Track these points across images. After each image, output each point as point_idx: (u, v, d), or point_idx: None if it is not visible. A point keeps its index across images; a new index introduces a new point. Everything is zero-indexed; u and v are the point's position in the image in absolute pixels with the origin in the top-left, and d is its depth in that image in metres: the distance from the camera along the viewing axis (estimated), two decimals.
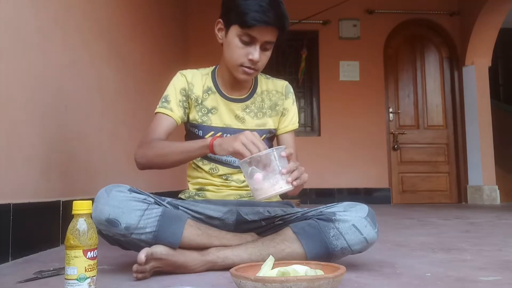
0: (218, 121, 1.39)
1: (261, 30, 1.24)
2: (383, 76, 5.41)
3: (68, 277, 0.87)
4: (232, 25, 1.27)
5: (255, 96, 1.43)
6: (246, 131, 1.13)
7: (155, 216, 1.17)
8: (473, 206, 4.64)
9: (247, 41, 1.26)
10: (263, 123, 1.43)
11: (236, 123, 1.40)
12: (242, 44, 1.27)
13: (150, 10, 3.55)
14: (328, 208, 1.28)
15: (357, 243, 1.20)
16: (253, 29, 1.23)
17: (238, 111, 1.41)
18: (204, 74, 1.43)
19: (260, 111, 1.43)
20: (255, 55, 1.26)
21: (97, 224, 1.15)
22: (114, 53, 2.67)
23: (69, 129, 2.02)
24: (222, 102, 1.40)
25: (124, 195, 1.17)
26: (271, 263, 0.98)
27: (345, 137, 5.27)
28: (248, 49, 1.27)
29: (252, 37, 1.25)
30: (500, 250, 1.65)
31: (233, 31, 1.27)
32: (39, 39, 1.79)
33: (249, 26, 1.22)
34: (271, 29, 1.25)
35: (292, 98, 1.48)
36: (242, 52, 1.28)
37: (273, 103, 1.45)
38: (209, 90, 1.41)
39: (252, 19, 1.21)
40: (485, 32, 5.20)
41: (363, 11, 5.44)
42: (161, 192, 3.12)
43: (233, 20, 1.27)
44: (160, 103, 1.39)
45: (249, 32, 1.24)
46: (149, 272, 1.14)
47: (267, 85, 1.47)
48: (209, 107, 1.40)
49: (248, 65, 1.29)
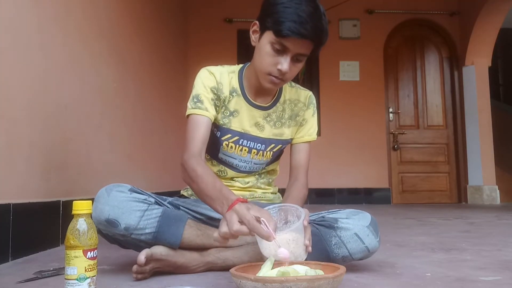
0: (237, 124, 1.34)
1: (295, 41, 1.16)
2: (383, 76, 5.41)
3: (68, 277, 0.87)
4: (267, 31, 1.20)
5: (277, 105, 1.38)
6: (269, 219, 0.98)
7: (155, 217, 1.17)
8: (473, 206, 4.64)
9: (279, 49, 1.19)
10: (280, 133, 1.39)
11: (254, 130, 1.35)
12: (273, 52, 1.20)
13: (150, 11, 3.55)
14: (330, 213, 1.27)
15: (359, 252, 1.20)
16: (287, 39, 1.16)
17: (259, 119, 1.35)
18: (230, 72, 1.36)
19: (279, 121, 1.38)
20: (285, 65, 1.19)
21: (97, 224, 1.15)
22: (114, 53, 2.67)
23: (69, 129, 2.02)
24: (245, 106, 1.34)
25: (124, 195, 1.16)
26: (271, 263, 0.98)
27: (345, 137, 5.27)
28: (279, 58, 1.20)
29: (285, 47, 1.18)
30: (500, 250, 1.65)
31: (267, 37, 1.20)
32: (40, 39, 1.79)
33: (283, 36, 1.15)
34: (306, 42, 1.17)
35: (313, 109, 1.42)
36: (272, 61, 1.21)
37: (294, 114, 1.40)
38: (234, 92, 1.34)
39: (288, 29, 1.14)
40: (485, 32, 5.20)
41: (363, 11, 5.44)
42: (162, 192, 3.12)
43: (268, 26, 1.19)
44: (192, 103, 1.28)
45: (283, 41, 1.17)
46: (148, 273, 1.14)
47: (291, 94, 1.40)
48: (231, 109, 1.34)
49: (276, 74, 1.22)
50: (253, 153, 1.36)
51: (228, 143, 1.34)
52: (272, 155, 1.40)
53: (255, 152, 1.36)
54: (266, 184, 1.45)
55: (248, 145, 1.35)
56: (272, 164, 1.45)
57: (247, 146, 1.35)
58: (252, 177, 1.41)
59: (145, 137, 3.21)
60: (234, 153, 1.36)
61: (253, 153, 1.36)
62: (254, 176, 1.42)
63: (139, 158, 3.06)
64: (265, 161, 1.39)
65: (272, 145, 1.38)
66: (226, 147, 1.35)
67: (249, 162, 1.37)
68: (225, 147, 1.35)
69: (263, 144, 1.36)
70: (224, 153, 1.36)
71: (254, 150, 1.36)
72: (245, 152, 1.35)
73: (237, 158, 1.36)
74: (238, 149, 1.35)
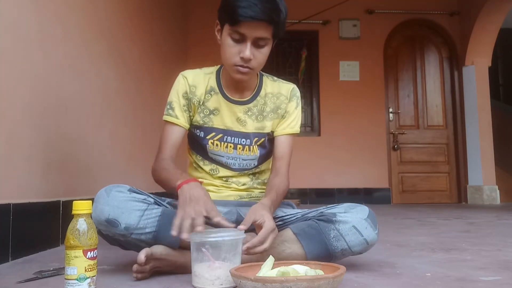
0: (219, 122, 1.37)
1: (250, 25, 1.19)
2: (383, 76, 5.41)
3: (68, 277, 0.87)
4: (225, 24, 1.24)
5: (258, 98, 1.40)
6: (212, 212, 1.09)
7: (154, 216, 1.17)
8: (473, 206, 4.64)
9: (238, 38, 1.22)
10: (262, 127, 1.40)
11: (237, 126, 1.37)
12: (233, 42, 1.23)
13: (150, 11, 3.55)
14: (328, 209, 1.28)
15: (358, 245, 1.20)
16: (241, 25, 1.19)
17: (240, 114, 1.38)
18: (208, 73, 1.40)
19: (261, 114, 1.39)
20: (246, 52, 1.21)
21: (97, 224, 1.15)
22: (114, 53, 2.67)
23: (69, 129, 2.02)
24: (224, 103, 1.37)
25: (124, 195, 1.17)
26: (271, 263, 0.98)
27: (345, 137, 5.27)
28: (239, 47, 1.23)
29: (242, 34, 1.20)
30: (500, 250, 1.65)
31: (225, 31, 1.24)
32: (40, 39, 1.79)
33: (237, 23, 1.18)
34: (261, 24, 1.19)
35: (296, 102, 1.43)
36: (234, 51, 1.23)
37: (276, 106, 1.41)
38: (212, 91, 1.38)
39: (239, 15, 1.17)
40: (485, 32, 5.20)
41: (363, 11, 5.44)
42: (161, 193, 3.12)
43: (224, 19, 1.24)
44: (166, 110, 1.37)
45: (238, 29, 1.20)
46: (149, 272, 1.14)
47: (273, 87, 1.42)
48: (211, 108, 1.37)
49: (240, 63, 1.24)
50: (239, 148, 1.37)
51: (213, 141, 1.37)
52: (260, 150, 1.40)
53: (241, 148, 1.37)
54: (262, 184, 1.45)
55: (232, 141, 1.37)
56: (264, 163, 1.45)
57: (232, 142, 1.37)
58: (246, 177, 1.42)
59: (145, 137, 3.21)
60: (221, 150, 1.38)
61: (239, 149, 1.37)
62: (248, 177, 1.42)
63: (139, 158, 3.06)
64: (253, 156, 1.39)
65: (256, 139, 1.39)
66: (212, 145, 1.37)
67: (237, 158, 1.38)
68: (211, 145, 1.37)
69: (247, 138, 1.38)
70: (211, 152, 1.39)
71: (239, 146, 1.37)
72: (230, 148, 1.37)
73: (224, 156, 1.38)
74: (224, 146, 1.37)
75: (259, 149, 1.40)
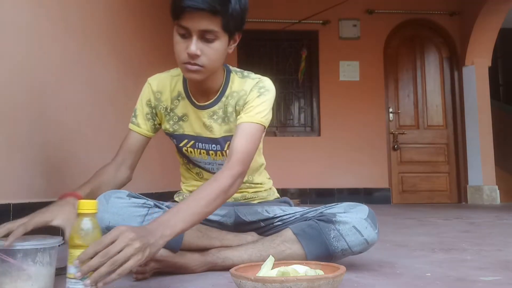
0: (189, 129, 1.30)
1: (192, 17, 1.08)
2: (383, 76, 5.41)
3: (70, 276, 0.87)
4: (174, 22, 1.14)
5: (222, 99, 1.28)
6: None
7: None
8: (473, 206, 4.64)
9: (183, 33, 1.12)
10: (230, 129, 1.28)
11: (205, 132, 1.29)
12: (180, 38, 1.13)
13: (150, 11, 3.55)
14: (328, 208, 1.27)
15: (358, 244, 1.20)
16: (184, 18, 1.09)
17: (205, 119, 1.28)
18: (175, 75, 1.33)
19: (226, 116, 1.28)
20: (192, 47, 1.10)
21: None
22: (114, 53, 2.67)
23: (69, 129, 2.02)
24: (191, 109, 1.29)
25: (123, 201, 1.15)
26: (271, 263, 0.98)
27: (345, 137, 5.27)
28: (186, 43, 1.12)
29: (185, 28, 1.10)
30: (500, 250, 1.65)
31: (174, 28, 1.15)
32: (40, 39, 1.79)
33: (179, 16, 1.10)
34: (204, 15, 1.08)
35: (257, 91, 1.25)
36: (182, 47, 1.13)
37: (235, 103, 1.27)
38: (179, 96, 1.30)
39: (178, 6, 1.08)
40: (485, 32, 5.20)
41: (363, 11, 5.44)
42: (161, 192, 3.11)
43: (171, 15, 1.14)
44: (131, 117, 1.34)
45: (181, 22, 1.10)
46: (149, 273, 1.13)
47: (238, 85, 1.28)
48: (179, 114, 1.31)
49: (187, 60, 1.13)
50: (212, 154, 1.32)
51: (187, 148, 1.33)
52: None
53: (213, 154, 1.32)
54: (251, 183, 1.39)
55: (204, 147, 1.31)
56: None
57: (204, 149, 1.31)
58: None
59: None
60: (196, 157, 1.34)
61: (211, 155, 1.32)
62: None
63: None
64: None
65: (228, 142, 1.27)
66: (188, 152, 1.33)
67: (213, 163, 1.33)
68: (186, 152, 1.34)
69: (218, 144, 1.30)
70: (189, 158, 1.35)
71: (211, 152, 1.31)
72: (204, 154, 1.32)
73: (201, 162, 1.34)
74: (197, 153, 1.33)
75: None
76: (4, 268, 0.92)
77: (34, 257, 0.93)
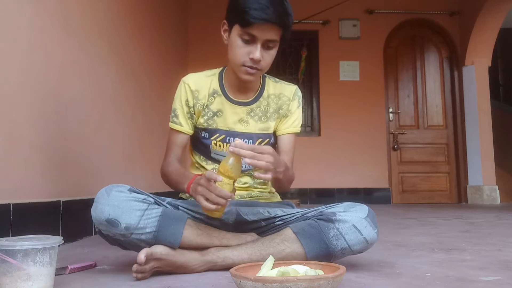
0: (222, 124, 1.39)
1: (261, 28, 1.22)
2: (383, 76, 5.41)
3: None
4: (234, 25, 1.26)
5: (261, 99, 1.42)
6: (200, 178, 1.15)
7: (155, 216, 1.17)
8: (473, 206, 4.64)
9: (248, 39, 1.24)
10: (266, 127, 1.42)
11: (239, 127, 1.40)
12: (243, 43, 1.26)
13: (150, 10, 3.55)
14: (328, 208, 1.28)
15: (357, 244, 1.20)
16: (253, 27, 1.21)
17: (242, 115, 1.40)
18: (210, 75, 1.43)
19: (264, 115, 1.42)
20: (256, 54, 1.25)
21: (97, 224, 1.15)
22: (114, 53, 2.67)
23: (69, 129, 2.02)
24: (227, 105, 1.40)
25: (124, 195, 1.17)
26: (271, 263, 0.98)
27: (345, 137, 5.27)
28: (249, 48, 1.26)
29: (252, 35, 1.23)
30: (500, 250, 1.65)
31: (235, 31, 1.26)
32: (40, 39, 1.79)
33: (249, 24, 1.21)
34: (272, 27, 1.22)
35: (298, 102, 1.46)
36: (244, 51, 1.26)
37: (278, 107, 1.44)
38: (215, 93, 1.40)
39: (251, 17, 1.19)
40: (485, 32, 5.20)
41: (363, 11, 5.44)
42: (161, 193, 3.11)
43: (234, 20, 1.26)
44: (171, 117, 1.42)
45: (249, 30, 1.23)
46: (148, 272, 1.14)
47: (275, 89, 1.45)
48: (214, 110, 1.40)
49: (249, 64, 1.27)
50: None
51: (216, 142, 1.39)
52: None
53: None
54: (262, 184, 1.46)
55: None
56: None
57: None
58: (247, 177, 1.42)
59: (145, 137, 3.21)
60: (223, 151, 1.40)
61: None
62: (248, 176, 1.43)
63: (139, 158, 3.06)
64: None
65: (260, 140, 1.42)
66: (215, 146, 1.40)
67: None
68: (214, 146, 1.40)
69: (250, 139, 1.40)
70: (215, 152, 1.41)
71: None
72: None
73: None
74: (226, 147, 1.38)
75: None
76: (4, 268, 0.92)
77: (34, 257, 0.94)
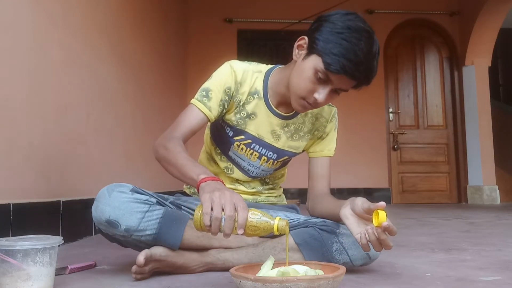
0: (253, 128, 1.30)
1: (343, 78, 1.12)
2: (383, 76, 5.41)
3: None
4: (315, 55, 1.13)
5: (298, 116, 1.33)
6: (236, 196, 0.94)
7: (156, 218, 1.15)
8: (473, 206, 4.64)
9: (322, 79, 1.13)
10: (296, 146, 1.36)
11: (269, 138, 1.32)
12: (315, 79, 1.14)
13: (150, 10, 3.55)
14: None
15: (360, 259, 1.19)
16: (335, 75, 1.12)
17: (276, 127, 1.31)
18: (256, 71, 1.30)
19: (297, 133, 1.35)
20: (322, 96, 1.15)
21: (97, 224, 1.15)
22: (114, 53, 2.67)
23: (69, 129, 2.02)
24: (264, 111, 1.30)
25: (125, 196, 1.14)
26: (271, 263, 0.98)
27: (345, 137, 5.24)
28: (318, 86, 1.15)
29: (329, 79, 1.13)
30: (500, 250, 1.65)
31: (313, 61, 1.14)
32: (39, 39, 1.78)
33: (333, 71, 1.10)
34: (352, 81, 1.15)
35: (335, 124, 1.39)
36: (311, 87, 1.15)
37: (314, 128, 1.37)
38: (255, 94, 1.29)
39: (341, 66, 1.09)
40: (485, 32, 5.20)
41: (363, 11, 5.43)
42: (161, 192, 3.11)
43: (319, 51, 1.12)
44: (200, 95, 1.24)
45: (329, 74, 1.12)
46: (148, 273, 1.13)
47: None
48: (249, 111, 1.29)
49: (310, 101, 1.17)
50: (263, 160, 1.34)
51: (240, 144, 1.32)
52: (281, 165, 1.40)
53: (265, 160, 1.34)
54: (269, 190, 1.45)
55: (259, 150, 1.33)
56: (280, 169, 1.44)
57: (258, 152, 1.33)
58: (257, 182, 1.41)
59: (145, 136, 3.21)
60: (244, 155, 1.34)
61: (263, 160, 1.34)
62: (259, 182, 1.41)
63: (139, 158, 3.06)
64: (272, 169, 1.39)
65: (286, 157, 1.36)
66: (237, 147, 1.33)
67: (257, 167, 1.36)
68: (236, 147, 1.33)
69: (276, 153, 1.34)
70: (234, 152, 1.35)
71: (264, 157, 1.34)
72: (255, 157, 1.34)
73: (245, 161, 1.35)
74: (249, 153, 1.33)
75: (281, 164, 1.39)
76: (4, 268, 0.92)
77: (34, 257, 0.93)
